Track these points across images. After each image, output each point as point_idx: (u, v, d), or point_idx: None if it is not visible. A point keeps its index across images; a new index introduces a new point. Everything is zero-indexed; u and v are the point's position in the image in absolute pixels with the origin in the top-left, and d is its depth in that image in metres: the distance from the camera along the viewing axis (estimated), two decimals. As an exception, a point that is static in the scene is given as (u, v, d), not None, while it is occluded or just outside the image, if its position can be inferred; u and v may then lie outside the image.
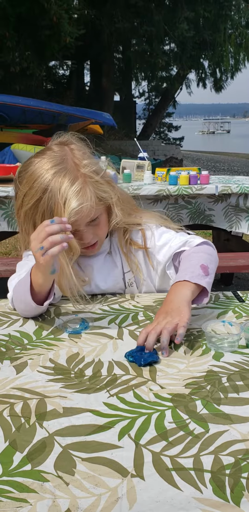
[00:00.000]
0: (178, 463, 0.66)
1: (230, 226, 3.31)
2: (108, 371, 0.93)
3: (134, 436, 0.72)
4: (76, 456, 0.68)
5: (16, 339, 1.09)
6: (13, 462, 0.67)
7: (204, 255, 1.28)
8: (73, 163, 1.27)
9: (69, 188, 1.22)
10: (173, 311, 1.08)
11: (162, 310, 1.11)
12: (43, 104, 9.82)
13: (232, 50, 18.08)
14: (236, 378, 0.89)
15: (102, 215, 1.33)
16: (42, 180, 1.23)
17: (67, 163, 1.26)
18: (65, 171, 1.24)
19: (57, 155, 1.26)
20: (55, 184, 1.22)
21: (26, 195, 1.26)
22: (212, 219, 3.29)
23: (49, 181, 1.22)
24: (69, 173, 1.24)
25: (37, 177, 1.24)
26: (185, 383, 0.88)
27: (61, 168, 1.24)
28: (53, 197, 1.22)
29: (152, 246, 1.40)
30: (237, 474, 0.64)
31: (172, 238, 1.38)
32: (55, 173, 1.23)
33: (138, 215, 1.44)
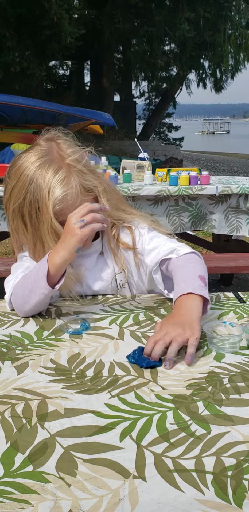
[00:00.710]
0: (180, 464, 0.66)
1: (231, 231, 3.30)
2: (110, 371, 0.93)
3: (135, 437, 0.72)
4: (78, 457, 0.68)
5: (17, 339, 1.09)
6: (14, 463, 0.67)
7: (199, 266, 1.25)
8: (58, 155, 1.31)
9: (53, 177, 1.26)
10: (186, 325, 1.03)
11: (172, 321, 1.06)
12: (44, 104, 9.82)
13: (232, 51, 18.08)
14: (237, 379, 0.89)
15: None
16: (28, 172, 1.28)
17: (52, 155, 1.30)
18: (50, 162, 1.28)
19: (43, 149, 1.31)
20: (40, 175, 1.26)
21: (14, 188, 1.30)
22: (213, 225, 3.28)
23: (34, 172, 1.27)
24: (54, 163, 1.28)
25: (23, 170, 1.28)
26: (186, 384, 0.88)
27: (46, 160, 1.28)
28: (38, 187, 1.26)
29: (141, 248, 1.39)
30: (239, 475, 0.64)
31: (161, 244, 1.36)
32: (40, 164, 1.28)
33: (127, 211, 1.44)
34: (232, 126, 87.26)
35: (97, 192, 1.34)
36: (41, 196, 1.25)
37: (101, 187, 1.35)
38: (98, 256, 1.41)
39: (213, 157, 23.02)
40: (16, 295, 1.24)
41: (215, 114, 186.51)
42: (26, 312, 1.23)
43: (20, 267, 1.34)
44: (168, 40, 17.08)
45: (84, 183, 1.31)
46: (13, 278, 1.30)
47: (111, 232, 1.40)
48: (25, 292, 1.21)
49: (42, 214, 1.26)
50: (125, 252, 1.41)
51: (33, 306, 1.21)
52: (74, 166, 1.30)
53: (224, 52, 17.62)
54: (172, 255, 1.31)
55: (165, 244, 1.36)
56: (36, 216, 1.27)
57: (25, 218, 1.29)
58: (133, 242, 1.39)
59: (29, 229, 1.30)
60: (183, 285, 1.17)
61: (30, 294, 1.20)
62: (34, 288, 1.19)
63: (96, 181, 1.35)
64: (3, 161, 6.77)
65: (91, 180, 1.33)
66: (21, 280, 1.25)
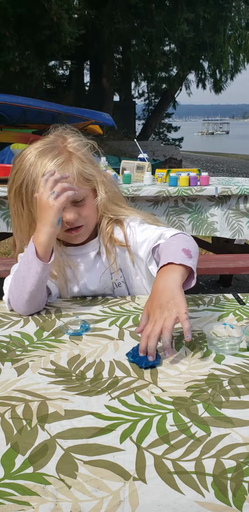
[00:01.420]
0: (180, 466, 0.66)
1: (233, 235, 3.30)
2: (110, 373, 0.93)
3: (135, 439, 0.72)
4: (78, 459, 0.68)
5: (17, 340, 1.09)
6: (15, 464, 0.67)
7: (183, 241, 1.23)
8: (61, 143, 1.33)
9: (52, 161, 1.29)
10: (169, 303, 1.01)
11: (155, 304, 1.03)
12: (43, 104, 9.82)
13: (232, 52, 18.08)
14: (237, 381, 0.89)
15: (88, 198, 1.35)
16: (30, 156, 1.31)
17: (56, 143, 1.33)
18: (52, 149, 1.31)
19: (49, 139, 1.35)
20: (39, 159, 1.30)
21: (17, 172, 1.32)
22: (215, 228, 3.28)
23: (35, 157, 1.30)
24: (55, 150, 1.31)
25: (26, 155, 1.32)
26: (186, 386, 0.88)
27: (48, 147, 1.32)
28: (36, 169, 1.29)
29: (133, 243, 1.39)
30: (239, 478, 0.64)
31: (150, 234, 1.36)
32: (42, 150, 1.31)
33: (123, 206, 1.44)
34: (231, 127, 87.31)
35: (95, 183, 1.35)
36: (38, 177, 1.28)
37: (99, 178, 1.36)
38: (96, 256, 1.41)
39: (212, 158, 23.02)
40: (12, 291, 1.25)
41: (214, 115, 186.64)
42: (24, 303, 1.22)
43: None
44: (167, 41, 17.07)
45: (83, 171, 1.32)
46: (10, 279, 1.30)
47: (106, 229, 1.40)
48: (20, 282, 1.22)
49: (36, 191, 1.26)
50: (121, 251, 1.41)
51: (30, 293, 1.21)
52: (74, 153, 1.32)
53: (223, 53, 17.61)
54: (160, 240, 1.31)
55: (153, 232, 1.35)
56: (32, 197, 1.29)
57: (23, 199, 1.31)
58: (125, 239, 1.40)
59: (25, 210, 1.32)
60: (163, 258, 1.15)
61: (24, 281, 1.21)
62: (27, 273, 1.20)
63: (95, 172, 1.36)
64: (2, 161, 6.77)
65: (90, 170, 1.35)
66: (13, 276, 1.26)
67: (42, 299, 1.27)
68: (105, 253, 1.40)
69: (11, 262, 3.03)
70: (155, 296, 1.06)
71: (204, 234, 3.32)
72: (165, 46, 17.36)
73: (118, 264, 1.40)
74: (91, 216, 1.36)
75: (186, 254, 1.15)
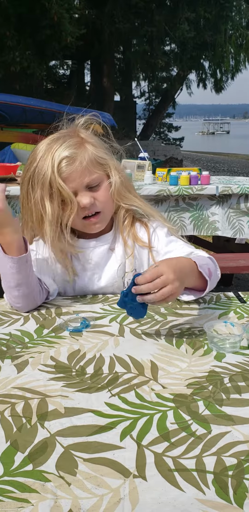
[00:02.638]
0: (181, 464, 0.66)
1: (234, 234, 3.30)
2: (110, 368, 0.93)
3: (135, 437, 0.72)
4: (78, 456, 0.68)
5: (17, 337, 1.09)
6: (14, 462, 0.67)
7: (211, 265, 1.28)
8: (74, 132, 1.34)
9: (62, 144, 1.29)
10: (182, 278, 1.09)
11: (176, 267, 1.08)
12: (44, 103, 9.81)
13: (233, 51, 18.07)
14: (238, 379, 0.89)
15: (103, 183, 1.34)
16: (42, 147, 1.32)
17: (70, 132, 1.34)
18: (63, 136, 1.32)
19: (61, 131, 1.36)
20: (50, 145, 1.30)
21: (30, 163, 1.32)
22: (217, 227, 3.27)
23: (47, 145, 1.31)
24: (68, 136, 1.32)
25: (39, 147, 1.32)
26: (187, 383, 0.87)
27: (60, 135, 1.32)
28: (45, 155, 1.29)
29: (158, 248, 1.40)
30: (240, 475, 0.63)
31: (178, 248, 1.38)
32: (53, 139, 1.31)
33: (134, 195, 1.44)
34: (232, 127, 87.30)
35: (108, 167, 1.36)
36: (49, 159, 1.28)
37: (112, 163, 1.37)
38: (109, 251, 1.40)
39: (213, 157, 23.02)
40: (4, 290, 1.25)
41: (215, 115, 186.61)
42: (16, 298, 1.23)
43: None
44: (168, 40, 17.07)
45: (96, 155, 1.32)
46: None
47: (124, 222, 1.41)
48: (5, 280, 1.23)
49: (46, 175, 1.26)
50: (139, 252, 1.41)
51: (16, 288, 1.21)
52: (86, 139, 1.33)
53: (224, 53, 17.61)
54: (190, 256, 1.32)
55: (182, 248, 1.38)
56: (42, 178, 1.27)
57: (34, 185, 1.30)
58: (148, 241, 1.40)
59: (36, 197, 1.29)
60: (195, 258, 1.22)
61: (6, 278, 1.21)
62: (4, 270, 1.21)
63: (107, 157, 1.36)
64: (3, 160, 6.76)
65: (103, 154, 1.35)
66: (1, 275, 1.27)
67: (36, 292, 1.26)
68: (123, 246, 1.40)
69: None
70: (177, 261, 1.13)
71: (205, 234, 3.31)
72: (166, 45, 17.36)
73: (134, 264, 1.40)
74: (107, 202, 1.35)
75: (208, 271, 1.22)
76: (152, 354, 0.99)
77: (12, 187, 2.97)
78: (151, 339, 1.06)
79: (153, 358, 0.97)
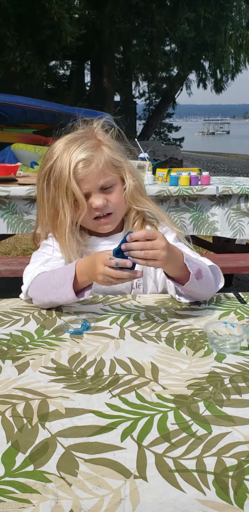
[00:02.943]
0: (181, 464, 0.66)
1: (234, 234, 3.29)
2: (110, 370, 0.93)
3: (136, 437, 0.72)
4: (79, 457, 0.68)
5: (17, 338, 1.09)
6: (15, 462, 0.67)
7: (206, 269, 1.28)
8: (91, 134, 1.37)
9: (79, 146, 1.31)
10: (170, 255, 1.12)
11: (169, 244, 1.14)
12: (44, 103, 9.81)
13: (233, 51, 18.08)
14: (238, 379, 0.89)
15: (117, 185, 1.37)
16: (59, 146, 1.35)
17: (87, 134, 1.36)
18: (80, 137, 1.34)
19: (77, 131, 1.38)
20: (68, 146, 1.32)
21: (46, 161, 1.35)
22: (216, 227, 3.27)
23: (64, 145, 1.33)
24: (83, 138, 1.34)
25: (56, 146, 1.35)
26: (187, 384, 0.87)
27: (77, 136, 1.35)
28: (63, 156, 1.31)
29: None
30: (240, 476, 0.64)
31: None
32: (71, 139, 1.34)
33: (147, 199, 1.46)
34: (232, 127, 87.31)
35: (123, 171, 1.38)
36: (66, 159, 1.30)
37: (127, 166, 1.39)
38: None
39: (213, 158, 23.02)
40: (37, 287, 1.26)
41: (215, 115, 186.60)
42: (43, 303, 1.26)
43: (40, 258, 1.37)
44: (168, 41, 17.07)
45: (112, 158, 1.35)
46: (32, 270, 1.32)
47: (133, 224, 1.43)
48: (47, 286, 1.23)
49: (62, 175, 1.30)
50: None
51: (52, 302, 1.24)
52: (103, 141, 1.36)
53: (224, 53, 17.61)
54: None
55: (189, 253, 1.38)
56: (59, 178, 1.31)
57: (50, 185, 1.33)
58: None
59: (51, 195, 1.34)
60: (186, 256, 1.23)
61: (52, 289, 1.23)
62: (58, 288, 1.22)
63: (123, 160, 1.39)
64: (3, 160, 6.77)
65: (119, 157, 1.37)
66: (47, 274, 1.27)
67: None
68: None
69: (11, 261, 3.03)
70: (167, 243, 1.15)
71: (205, 234, 3.31)
72: (166, 46, 17.36)
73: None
74: (119, 204, 1.38)
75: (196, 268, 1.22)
76: (153, 356, 0.99)
77: (13, 188, 2.97)
78: (151, 342, 1.07)
79: (153, 360, 0.97)
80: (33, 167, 6.74)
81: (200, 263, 1.28)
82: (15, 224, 3.09)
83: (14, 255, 5.03)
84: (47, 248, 1.41)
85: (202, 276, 1.23)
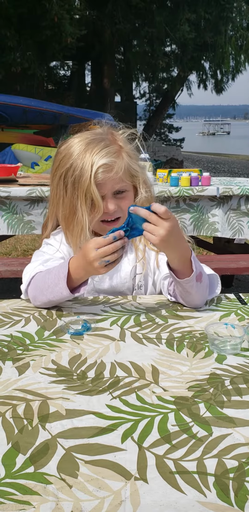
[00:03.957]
0: (182, 466, 0.66)
1: (233, 234, 3.29)
2: (111, 373, 0.93)
3: (137, 439, 0.72)
4: (79, 458, 0.68)
5: (18, 339, 1.09)
6: (15, 464, 0.67)
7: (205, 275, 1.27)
8: (111, 137, 1.37)
9: (102, 149, 1.31)
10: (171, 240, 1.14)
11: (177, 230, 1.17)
12: (44, 104, 9.81)
13: (233, 52, 18.07)
14: (239, 381, 0.89)
15: (129, 192, 1.38)
16: (78, 144, 1.34)
17: (105, 136, 1.36)
18: (101, 140, 1.34)
19: (97, 131, 1.38)
20: (90, 147, 1.32)
21: (63, 158, 1.35)
22: (216, 228, 3.26)
23: (85, 145, 1.32)
24: (105, 140, 1.34)
25: (74, 143, 1.34)
26: (188, 386, 0.87)
27: (98, 138, 1.35)
28: (85, 156, 1.31)
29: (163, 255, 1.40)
30: (241, 478, 0.63)
31: None
32: (91, 139, 1.34)
33: None
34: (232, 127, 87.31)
35: (138, 181, 1.39)
36: (88, 161, 1.30)
37: (142, 177, 1.40)
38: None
39: (213, 158, 23.01)
40: (36, 287, 1.26)
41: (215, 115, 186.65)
42: (41, 302, 1.27)
43: (40, 258, 1.37)
44: (169, 41, 17.06)
45: (131, 166, 1.36)
46: (31, 270, 1.32)
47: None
48: (44, 286, 1.24)
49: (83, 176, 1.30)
50: (149, 252, 1.44)
51: (50, 301, 1.25)
52: (124, 148, 1.36)
53: (225, 54, 17.60)
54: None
55: None
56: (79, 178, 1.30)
57: (67, 184, 1.33)
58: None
59: (68, 195, 1.34)
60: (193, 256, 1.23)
61: (48, 289, 1.23)
62: (53, 287, 1.22)
63: (139, 170, 1.39)
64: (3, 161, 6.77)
65: (136, 166, 1.38)
66: (43, 273, 1.28)
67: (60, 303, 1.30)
68: (134, 249, 1.43)
69: (12, 262, 3.03)
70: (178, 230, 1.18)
71: (205, 234, 3.31)
72: (166, 46, 17.36)
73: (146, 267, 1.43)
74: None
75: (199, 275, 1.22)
76: (153, 359, 0.99)
77: (13, 188, 2.97)
78: (152, 344, 1.06)
79: (154, 362, 0.97)
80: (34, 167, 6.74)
81: (202, 269, 1.28)
82: (15, 225, 3.09)
83: (15, 255, 5.03)
84: (48, 247, 1.41)
85: (201, 280, 1.23)
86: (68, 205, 1.35)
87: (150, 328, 1.15)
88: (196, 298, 1.25)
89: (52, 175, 1.39)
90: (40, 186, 3.00)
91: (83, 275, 1.23)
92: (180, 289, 1.25)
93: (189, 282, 1.20)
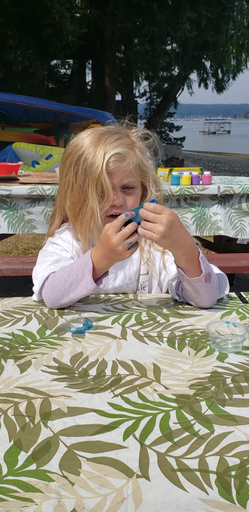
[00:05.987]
0: (183, 464, 0.66)
1: (236, 234, 3.29)
2: (112, 371, 0.93)
3: (138, 437, 0.72)
4: (81, 456, 0.68)
5: (19, 338, 1.09)
6: (18, 461, 0.67)
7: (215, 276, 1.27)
8: (125, 133, 1.37)
9: (117, 141, 1.31)
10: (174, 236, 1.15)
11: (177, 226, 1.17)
12: (45, 103, 9.82)
13: (234, 51, 18.05)
14: (240, 379, 0.89)
15: (137, 189, 1.38)
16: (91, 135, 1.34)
17: (119, 130, 1.37)
18: (115, 132, 1.34)
19: (109, 126, 1.39)
20: (104, 137, 1.32)
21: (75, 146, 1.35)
22: (219, 226, 3.26)
23: (98, 136, 1.33)
24: (118, 133, 1.34)
25: (86, 135, 1.35)
26: (190, 384, 0.88)
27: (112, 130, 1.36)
28: (98, 145, 1.31)
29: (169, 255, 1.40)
30: (242, 475, 0.64)
31: None
32: (105, 131, 1.35)
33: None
34: (233, 126, 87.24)
35: (147, 179, 1.39)
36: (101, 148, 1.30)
37: (152, 175, 1.40)
38: None
39: (214, 157, 23.00)
40: (53, 289, 1.25)
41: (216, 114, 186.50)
42: (61, 304, 1.26)
43: (49, 258, 1.35)
44: (169, 40, 17.05)
45: (142, 162, 1.36)
46: (41, 271, 1.30)
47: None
48: (65, 285, 1.23)
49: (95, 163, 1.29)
50: (154, 252, 1.43)
51: (71, 299, 1.25)
52: (136, 143, 1.37)
53: (226, 52, 17.59)
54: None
55: None
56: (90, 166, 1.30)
57: (78, 171, 1.32)
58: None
59: (77, 182, 1.33)
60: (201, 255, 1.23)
61: (70, 287, 1.22)
62: (77, 284, 1.22)
63: (150, 168, 1.39)
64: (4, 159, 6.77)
65: (147, 163, 1.38)
66: (60, 273, 1.26)
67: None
68: (139, 251, 1.42)
69: (13, 260, 3.03)
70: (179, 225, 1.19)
71: (208, 234, 3.30)
72: (167, 45, 17.34)
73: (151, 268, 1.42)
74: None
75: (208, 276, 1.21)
76: (155, 357, 0.99)
77: (14, 187, 2.97)
78: (153, 343, 1.06)
79: (155, 361, 0.97)
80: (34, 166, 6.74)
81: (211, 269, 1.27)
82: (16, 223, 3.08)
83: (15, 254, 5.03)
84: (54, 246, 1.39)
85: (210, 281, 1.22)
86: (78, 193, 1.34)
87: (151, 327, 1.15)
88: (205, 298, 1.24)
89: (62, 166, 1.39)
90: (41, 185, 3.00)
91: (106, 264, 1.22)
92: (189, 290, 1.24)
93: (198, 281, 1.19)
